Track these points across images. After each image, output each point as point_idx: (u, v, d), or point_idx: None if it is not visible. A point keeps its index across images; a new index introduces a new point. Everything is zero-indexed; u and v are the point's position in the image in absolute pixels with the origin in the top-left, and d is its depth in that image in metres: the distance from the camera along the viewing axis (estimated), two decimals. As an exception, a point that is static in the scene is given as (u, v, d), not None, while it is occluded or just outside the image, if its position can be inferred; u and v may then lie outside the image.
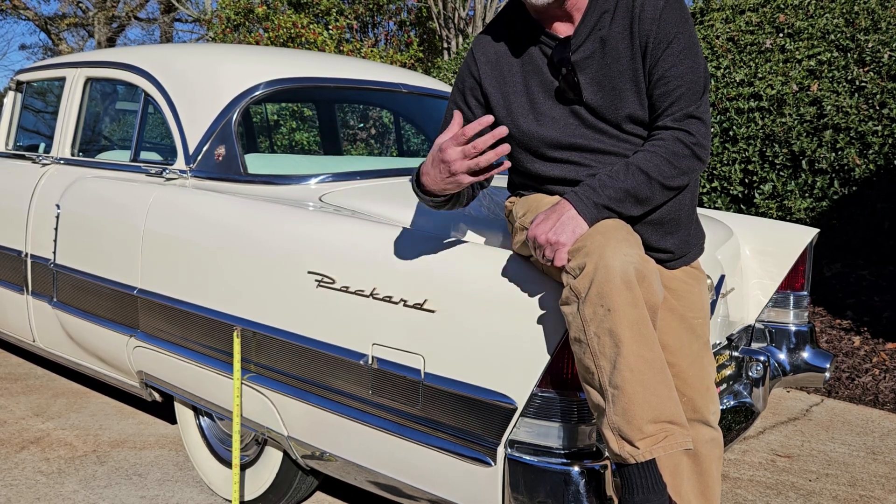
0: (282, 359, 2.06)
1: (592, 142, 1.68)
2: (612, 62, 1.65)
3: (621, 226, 1.53)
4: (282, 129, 5.67)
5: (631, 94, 1.65)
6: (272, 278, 2.07)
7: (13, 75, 3.72)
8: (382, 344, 1.83)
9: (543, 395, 1.62)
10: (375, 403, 1.87)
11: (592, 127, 1.68)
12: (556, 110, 1.70)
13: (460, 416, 1.71)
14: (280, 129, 5.65)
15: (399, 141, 3.90)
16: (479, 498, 1.72)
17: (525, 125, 1.72)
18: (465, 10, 9.43)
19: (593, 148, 1.68)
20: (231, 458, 2.34)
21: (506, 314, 1.65)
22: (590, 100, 1.67)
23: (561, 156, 1.70)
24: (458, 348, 1.71)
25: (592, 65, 1.67)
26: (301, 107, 5.59)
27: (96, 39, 18.87)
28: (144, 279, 2.46)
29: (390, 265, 1.85)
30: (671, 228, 1.72)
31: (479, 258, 1.76)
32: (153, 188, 2.54)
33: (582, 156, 1.69)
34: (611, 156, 1.67)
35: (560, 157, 1.71)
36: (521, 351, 1.62)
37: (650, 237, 1.69)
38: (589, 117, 1.68)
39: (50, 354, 3.15)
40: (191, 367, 2.34)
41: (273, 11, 8.69)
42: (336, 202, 2.28)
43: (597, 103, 1.67)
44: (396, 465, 1.87)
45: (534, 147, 1.73)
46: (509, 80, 1.75)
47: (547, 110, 1.71)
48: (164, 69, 2.85)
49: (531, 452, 1.65)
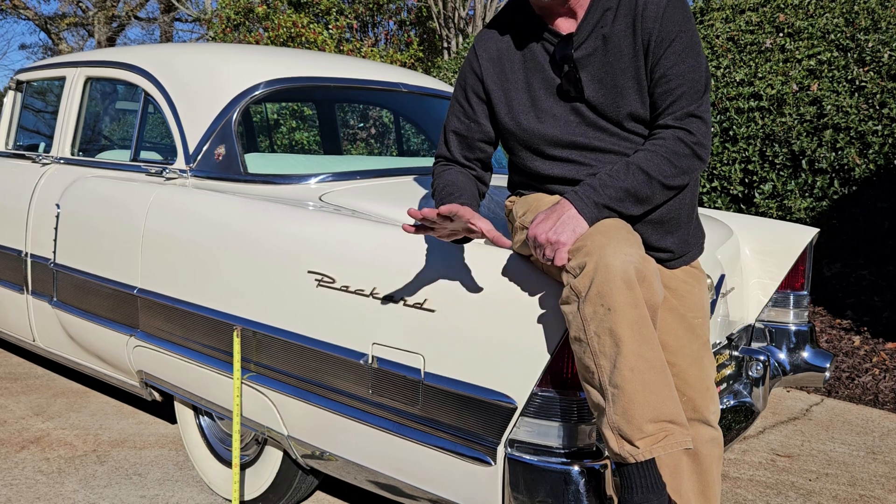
0: (282, 358, 2.06)
1: (593, 140, 1.68)
2: (614, 60, 1.65)
3: (622, 225, 1.53)
4: (282, 128, 5.67)
5: (632, 91, 1.65)
6: (272, 278, 2.07)
7: (13, 75, 3.72)
8: (382, 343, 1.83)
9: (543, 394, 1.62)
10: (375, 403, 1.87)
11: (593, 125, 1.68)
12: (558, 107, 1.70)
13: (460, 415, 1.71)
14: (280, 129, 5.65)
15: (399, 140, 3.90)
16: (479, 497, 1.72)
17: (526, 122, 1.72)
18: (465, 10, 9.43)
19: (594, 146, 1.68)
20: (231, 458, 2.34)
21: (505, 313, 1.65)
22: (591, 97, 1.67)
23: (561, 154, 1.70)
24: (458, 348, 1.71)
25: (594, 62, 1.67)
26: (301, 106, 5.59)
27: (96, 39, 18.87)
28: (144, 279, 2.46)
29: (390, 265, 1.84)
30: (671, 227, 1.72)
31: (479, 257, 1.76)
32: (153, 187, 2.54)
33: (582, 154, 1.69)
34: (611, 154, 1.67)
35: (560, 156, 1.71)
36: (521, 350, 1.62)
37: (650, 236, 1.69)
38: (590, 115, 1.69)
39: (50, 354, 3.15)
40: (191, 367, 2.34)
41: (273, 11, 8.68)
42: (336, 202, 2.28)
43: (598, 101, 1.67)
44: (396, 465, 1.87)
45: (534, 144, 1.73)
46: (511, 76, 1.75)
47: (548, 107, 1.71)
48: (164, 68, 2.85)
49: (531, 452, 1.65)
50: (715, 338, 2.28)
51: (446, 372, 1.73)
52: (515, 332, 1.63)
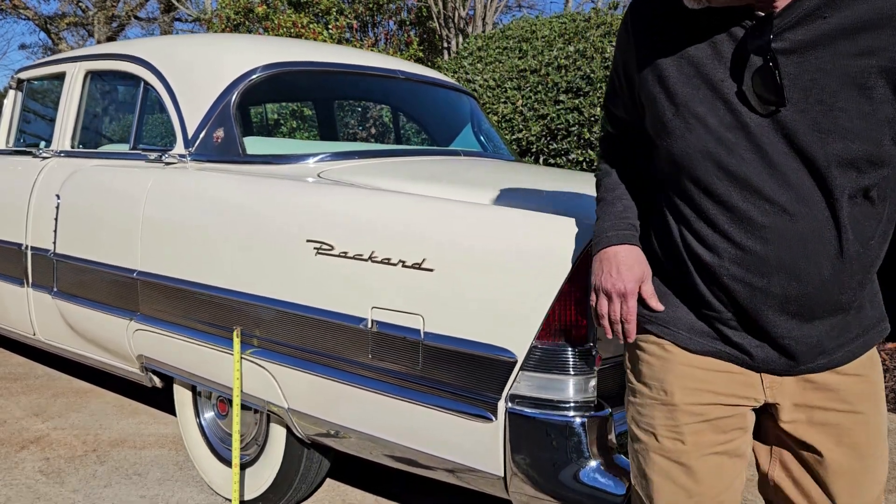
0: (281, 330, 2.06)
1: (776, 178, 1.13)
2: (835, 67, 1.10)
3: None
4: (282, 129, 5.68)
5: (857, 120, 1.10)
6: (271, 250, 2.08)
7: (14, 74, 3.73)
8: (382, 307, 1.83)
9: (543, 347, 1.62)
10: (375, 367, 1.87)
11: (782, 153, 1.13)
12: (743, 119, 1.15)
13: (461, 373, 1.72)
14: (281, 130, 5.66)
15: (396, 128, 3.91)
16: (481, 454, 1.72)
17: (685, 133, 1.19)
18: (465, 10, 9.43)
19: (777, 186, 1.13)
20: (231, 458, 2.34)
21: (502, 269, 1.66)
22: (788, 118, 1.12)
23: (727, 190, 1.16)
24: (457, 305, 1.71)
25: (805, 62, 1.11)
26: (301, 106, 5.59)
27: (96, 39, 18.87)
28: (144, 261, 2.47)
29: (388, 228, 1.86)
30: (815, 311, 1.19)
31: (475, 216, 1.78)
32: (152, 172, 2.56)
33: (753, 196, 1.15)
34: (798, 217, 1.13)
35: (725, 194, 1.17)
36: (519, 304, 1.63)
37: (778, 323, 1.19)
38: (778, 139, 1.13)
39: (50, 347, 3.15)
40: (191, 347, 2.34)
41: (273, 11, 8.69)
42: (334, 178, 2.30)
43: (799, 122, 1.12)
44: (397, 429, 1.87)
45: (690, 167, 1.19)
46: (673, 69, 1.20)
47: (724, 120, 1.16)
48: (162, 57, 2.87)
49: (532, 405, 1.64)
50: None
51: (446, 330, 1.73)
52: (513, 287, 1.64)
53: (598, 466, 1.61)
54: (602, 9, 7.13)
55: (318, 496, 2.52)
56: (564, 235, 1.63)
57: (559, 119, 5.68)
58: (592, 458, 1.61)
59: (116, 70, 3.07)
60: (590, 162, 5.52)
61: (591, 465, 1.61)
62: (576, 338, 1.62)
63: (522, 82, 6.10)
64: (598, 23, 6.42)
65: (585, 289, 1.59)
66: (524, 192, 2.10)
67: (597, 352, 1.65)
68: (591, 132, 5.62)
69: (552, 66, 6.01)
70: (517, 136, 5.88)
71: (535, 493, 1.65)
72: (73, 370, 3.82)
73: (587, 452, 1.61)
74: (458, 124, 3.34)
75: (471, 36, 8.34)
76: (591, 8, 7.63)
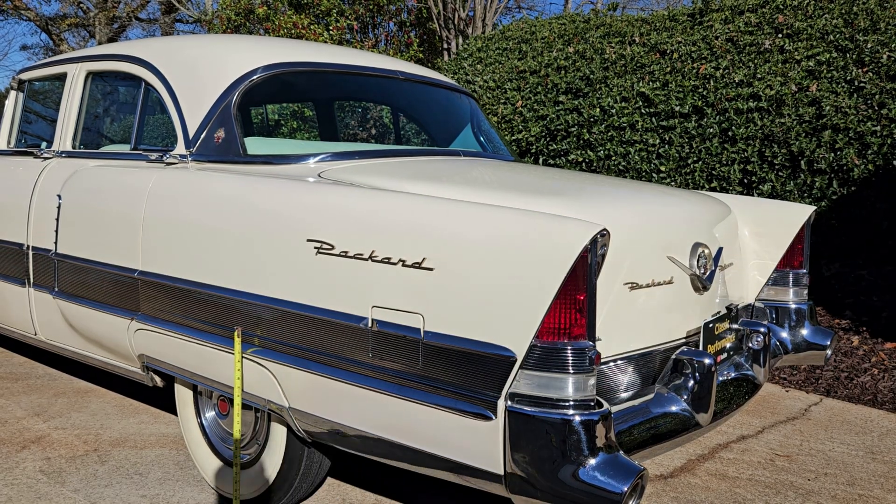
0: (282, 329, 2.07)
1: None
2: None
3: None
4: (283, 129, 5.68)
5: None
6: (272, 249, 2.09)
7: (15, 74, 3.74)
8: (382, 306, 1.84)
9: (542, 345, 1.63)
10: (376, 367, 1.87)
11: None
12: None
13: (461, 371, 1.72)
14: (281, 131, 5.66)
15: (396, 128, 3.92)
16: (481, 453, 1.72)
17: None
18: (465, 11, 9.44)
19: None
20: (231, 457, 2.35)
21: (502, 268, 1.67)
22: None
23: None
24: (457, 304, 1.72)
25: None
26: (301, 107, 5.60)
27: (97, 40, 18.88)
28: (145, 261, 2.47)
29: (388, 227, 1.87)
30: None
31: (475, 215, 1.79)
32: (153, 172, 2.57)
33: None
34: None
35: None
36: (519, 303, 1.64)
37: None
38: None
39: (52, 347, 3.15)
40: (192, 346, 2.34)
41: (273, 12, 8.70)
42: (334, 178, 2.30)
43: None
44: (397, 428, 1.88)
45: None
46: None
47: None
48: (163, 57, 2.88)
49: (531, 404, 1.65)
50: (715, 308, 2.29)
51: (446, 329, 1.74)
52: (512, 286, 1.65)
53: (597, 464, 1.62)
54: (601, 10, 7.13)
55: (318, 495, 2.52)
56: (564, 235, 1.64)
57: (559, 120, 5.68)
58: (592, 457, 1.62)
59: (117, 71, 3.08)
60: (589, 162, 5.53)
61: (591, 463, 1.62)
62: (575, 336, 1.63)
63: (522, 83, 6.10)
64: (598, 24, 6.42)
65: (584, 288, 1.60)
66: (524, 191, 2.11)
67: (596, 351, 1.66)
68: (590, 133, 5.62)
69: (552, 67, 6.01)
70: (517, 136, 5.88)
71: (535, 491, 1.66)
72: (74, 370, 3.83)
73: (587, 450, 1.62)
74: (458, 124, 3.35)
75: (471, 37, 8.35)
76: (590, 9, 7.64)
